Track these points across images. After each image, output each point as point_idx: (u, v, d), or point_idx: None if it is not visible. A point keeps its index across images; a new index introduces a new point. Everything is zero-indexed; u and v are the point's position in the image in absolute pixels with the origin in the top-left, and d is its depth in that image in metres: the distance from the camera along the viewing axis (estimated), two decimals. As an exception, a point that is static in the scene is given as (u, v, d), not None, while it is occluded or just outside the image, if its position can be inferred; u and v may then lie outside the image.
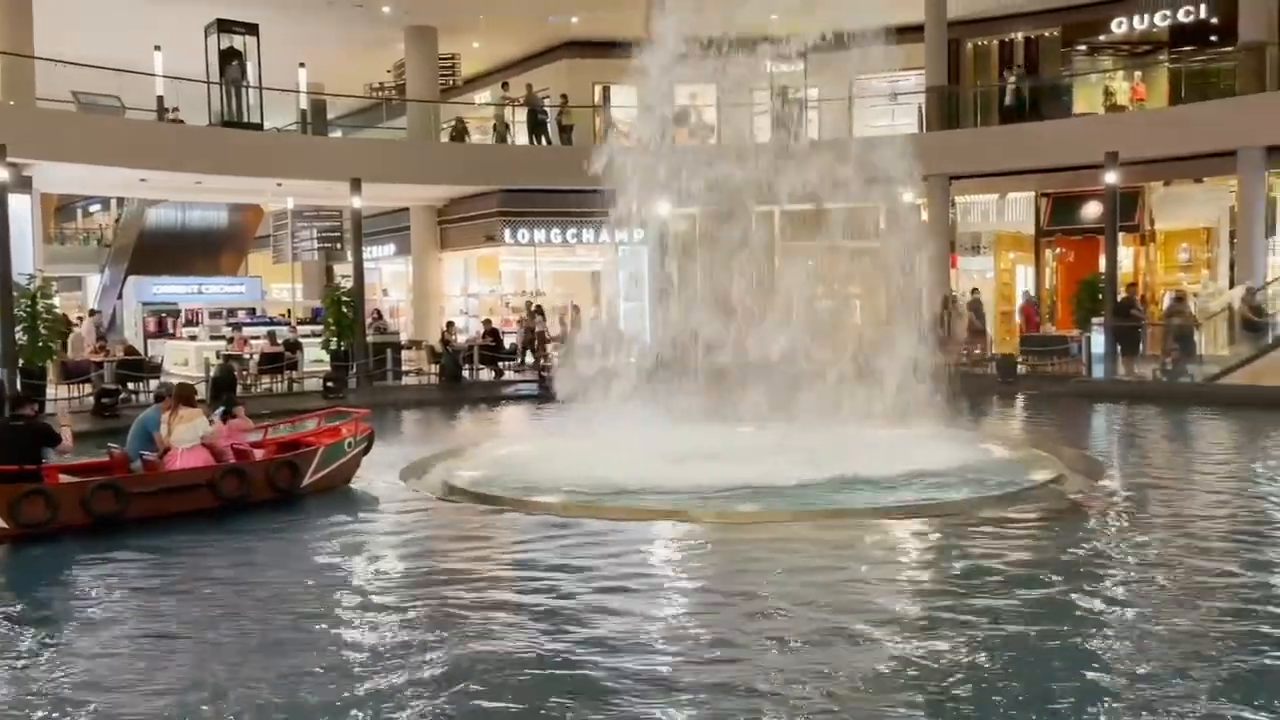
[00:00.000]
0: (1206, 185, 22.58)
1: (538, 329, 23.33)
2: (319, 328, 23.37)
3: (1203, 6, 23.43)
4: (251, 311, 26.77)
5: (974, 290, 23.85)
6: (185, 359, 23.41)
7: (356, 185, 20.72)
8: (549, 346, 23.05)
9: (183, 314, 26.83)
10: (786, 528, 8.84)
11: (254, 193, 26.41)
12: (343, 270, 28.83)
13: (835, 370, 14.05)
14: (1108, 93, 24.87)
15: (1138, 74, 24.86)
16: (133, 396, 18.18)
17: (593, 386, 13.31)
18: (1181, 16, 23.86)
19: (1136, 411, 16.50)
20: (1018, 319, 24.70)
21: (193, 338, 25.01)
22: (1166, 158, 21.24)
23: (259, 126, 22.09)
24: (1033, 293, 23.91)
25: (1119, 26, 24.87)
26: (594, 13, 24.93)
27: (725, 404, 15.26)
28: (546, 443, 13.55)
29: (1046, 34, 25.87)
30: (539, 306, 24.28)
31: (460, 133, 25.29)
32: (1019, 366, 20.62)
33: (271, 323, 24.51)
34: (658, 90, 15.37)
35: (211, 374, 17.71)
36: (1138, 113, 23.40)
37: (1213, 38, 23.58)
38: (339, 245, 28.14)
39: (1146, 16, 24.31)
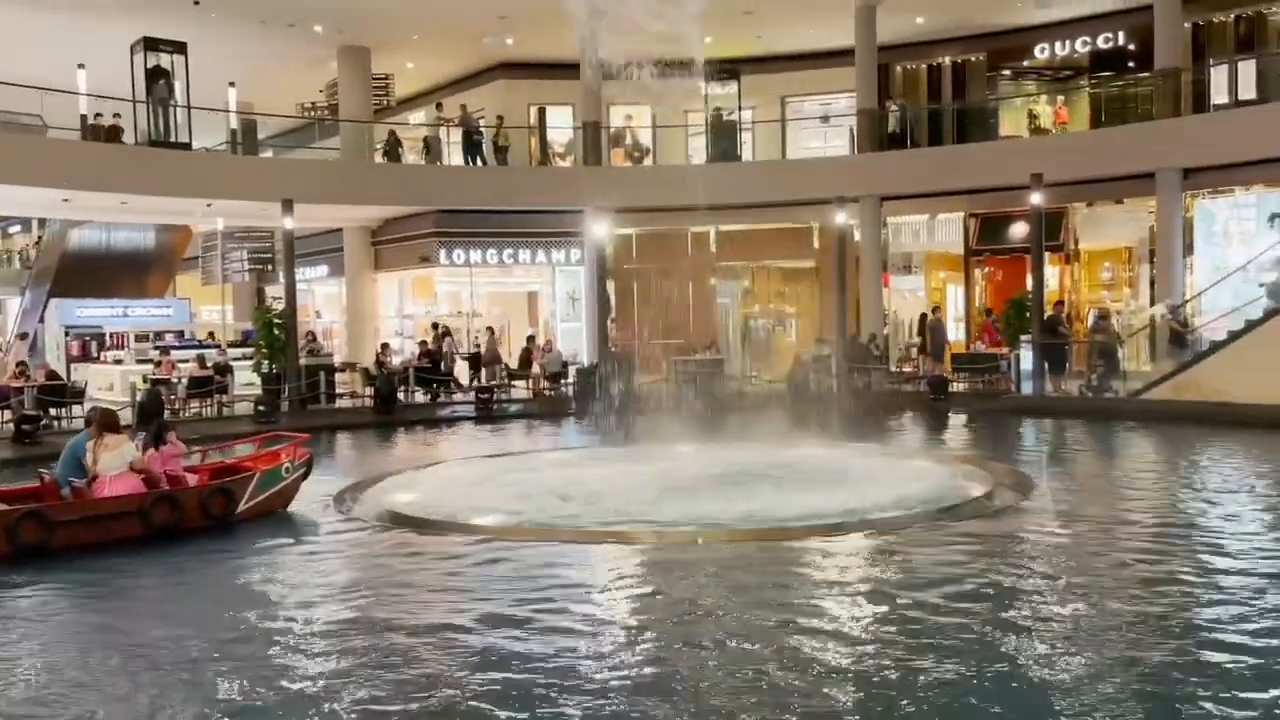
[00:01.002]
0: (1127, 206, 23.27)
1: (445, 349, 23.16)
2: (250, 350, 22.95)
3: (1120, 34, 24.29)
4: (180, 334, 26.19)
5: (935, 309, 24.21)
6: (110, 384, 22.82)
7: (288, 206, 20.44)
8: (497, 369, 22.95)
9: (107, 337, 26.15)
10: (723, 548, 8.86)
11: (183, 213, 25.88)
12: (275, 292, 28.39)
13: (771, 388, 14.19)
14: (1032, 116, 25.57)
15: (1060, 98, 25.61)
16: (55, 423, 17.66)
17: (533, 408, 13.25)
18: (1101, 43, 24.72)
19: (1065, 426, 16.89)
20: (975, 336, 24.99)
21: (118, 361, 24.38)
22: (1089, 179, 21.86)
23: (187, 146, 21.67)
24: (993, 314, 24.13)
25: (1042, 52, 25.64)
26: (529, 34, 24.96)
27: (663, 424, 15.35)
28: (483, 465, 13.46)
29: (973, 58, 26.55)
30: (445, 328, 24.16)
31: (393, 148, 25.01)
32: (951, 384, 20.99)
33: (200, 345, 24.01)
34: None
35: (138, 399, 17.29)
36: (1060, 136, 24.08)
37: (1130, 64, 24.42)
38: (271, 266, 27.68)
39: (1068, 42, 25.12)
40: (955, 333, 26.23)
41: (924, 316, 24.30)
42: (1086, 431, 16.43)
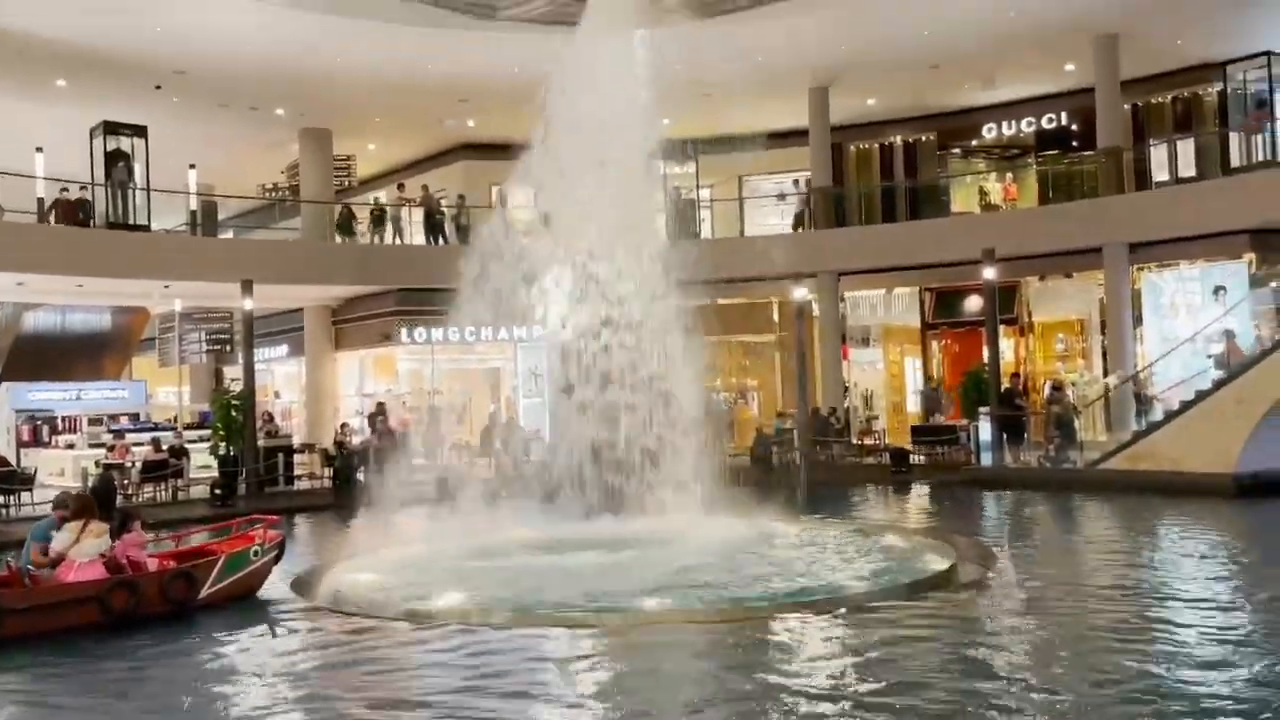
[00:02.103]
0: (1077, 279, 23.82)
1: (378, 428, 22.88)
2: (207, 432, 22.62)
3: (1064, 114, 25.15)
4: (135, 417, 25.77)
5: (928, 380, 24.27)
6: (61, 469, 22.36)
7: (248, 287, 20.36)
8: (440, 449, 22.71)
9: (59, 421, 25.66)
10: (685, 629, 8.77)
11: (141, 295, 25.68)
12: (233, 373, 28.11)
13: (733, 462, 14.20)
14: (982, 192, 26.29)
15: (1009, 175, 26.36)
16: (3, 510, 17.23)
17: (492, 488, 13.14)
18: (1045, 123, 25.57)
19: (1025, 498, 17.03)
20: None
21: (70, 446, 23.89)
22: (1039, 254, 22.38)
23: (146, 228, 21.60)
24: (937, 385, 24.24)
25: (989, 132, 26.46)
26: (490, 116, 25.32)
27: (626, 499, 15.24)
28: (441, 548, 13.26)
29: (924, 138, 27.31)
30: (380, 404, 24.05)
31: (347, 221, 24.98)
32: (911, 456, 21.16)
33: (156, 428, 23.62)
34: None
35: (89, 484, 16.93)
36: (1011, 212, 24.74)
37: (1074, 143, 25.26)
38: (229, 348, 27.44)
39: (1014, 123, 25.97)
40: (915, 405, 26.53)
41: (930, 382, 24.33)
42: (1047, 503, 16.57)
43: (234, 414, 20.49)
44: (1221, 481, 15.47)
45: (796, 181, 26.54)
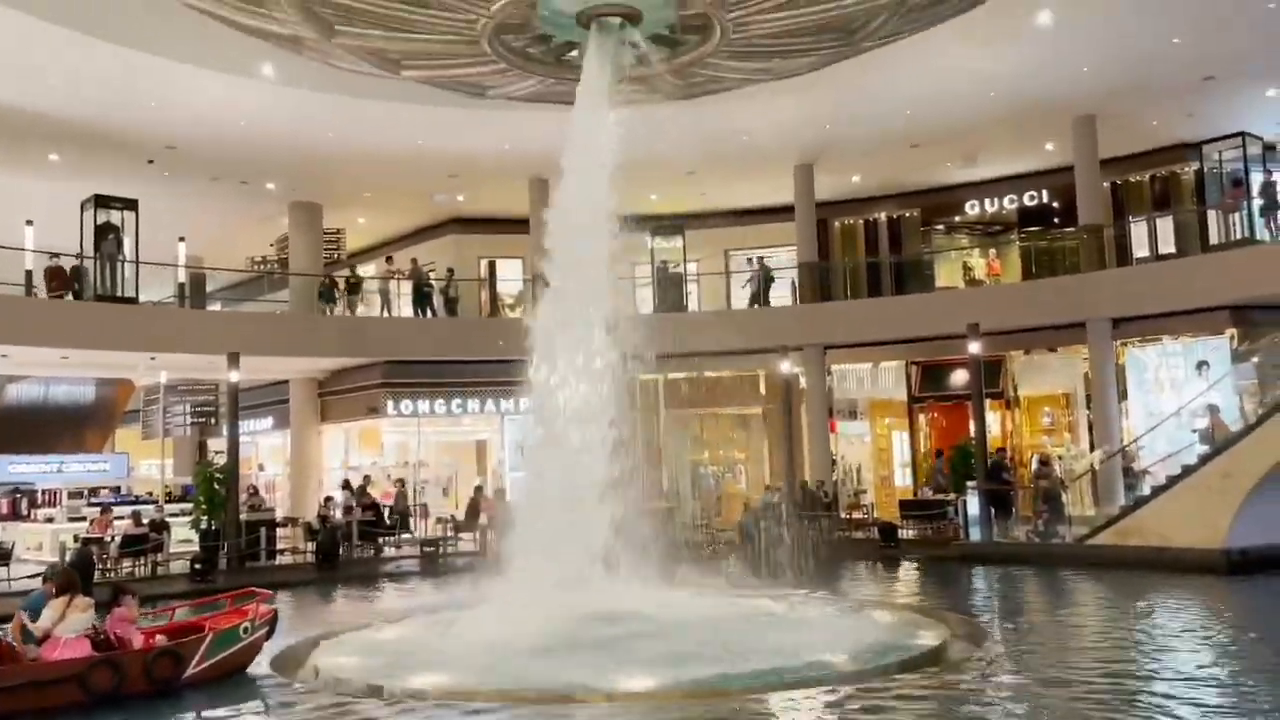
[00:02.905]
0: (1062, 354, 24.00)
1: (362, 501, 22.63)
2: (189, 506, 22.37)
3: (1045, 192, 25.60)
4: (116, 490, 25.48)
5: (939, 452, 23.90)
6: (40, 543, 22.03)
7: (234, 359, 20.33)
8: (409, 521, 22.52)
9: (39, 494, 25.35)
10: (666, 708, 8.60)
11: (126, 367, 25.59)
12: (217, 445, 27.91)
13: (721, 537, 14.09)
14: (966, 268, 26.59)
15: (992, 251, 26.71)
16: (-22, 586, 16.91)
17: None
18: (1027, 200, 26.01)
19: (1014, 574, 16.91)
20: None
21: (49, 520, 23.57)
22: (1024, 328, 22.57)
23: (134, 300, 21.60)
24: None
25: (972, 208, 26.87)
26: (480, 191, 25.63)
27: (613, 573, 15.07)
28: (426, 624, 13.05)
29: (907, 214, 27.69)
30: (366, 476, 23.90)
31: (328, 290, 24.97)
32: (900, 530, 21.06)
33: (137, 501, 23.35)
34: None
35: (68, 559, 16.66)
36: (994, 287, 24.99)
37: (1056, 219, 25.67)
38: (214, 420, 27.29)
39: (996, 200, 26.41)
40: (902, 478, 26.48)
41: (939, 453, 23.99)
42: (1036, 579, 16.46)
43: (217, 487, 20.29)
44: (1212, 557, 15.42)
45: (751, 260, 26.74)
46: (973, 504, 19.85)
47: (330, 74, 15.80)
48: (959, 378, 24.15)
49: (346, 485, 23.07)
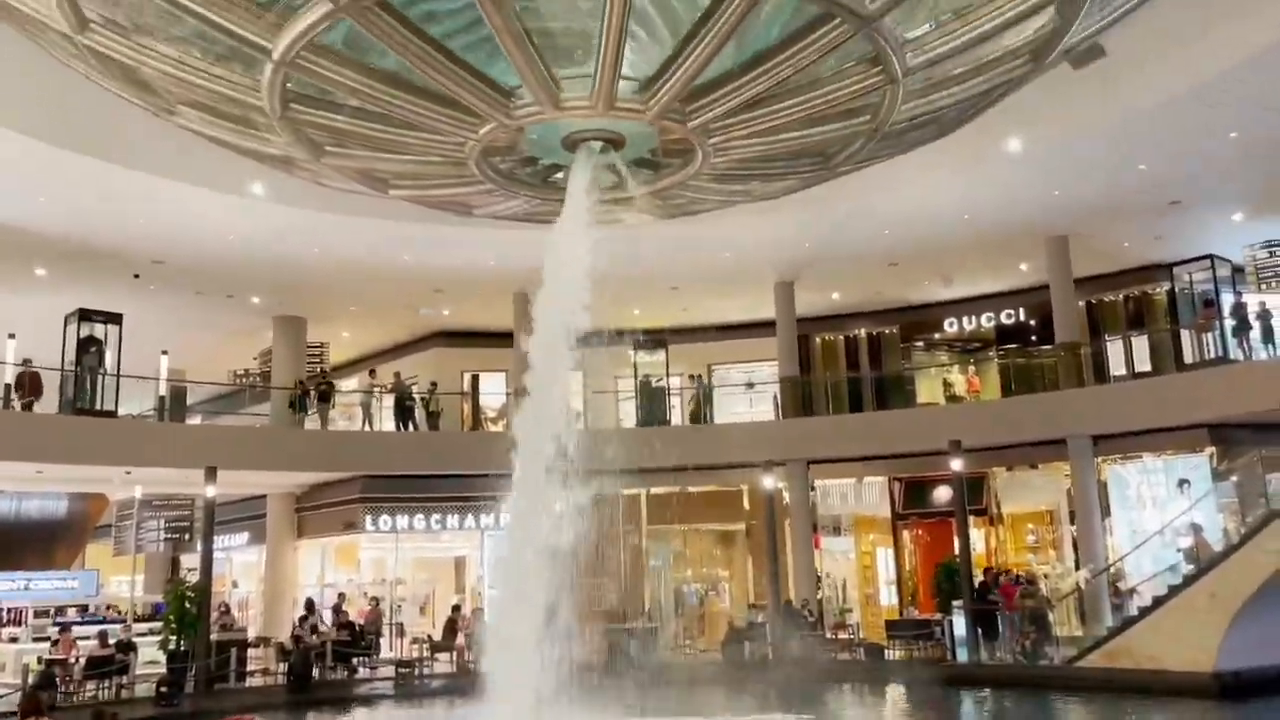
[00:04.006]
0: (1044, 470, 24.01)
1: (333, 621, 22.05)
2: (158, 625, 21.76)
3: (1022, 310, 26.02)
4: (84, 609, 24.79)
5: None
6: (2, 664, 21.30)
7: (211, 474, 20.08)
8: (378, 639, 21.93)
9: (4, 613, 24.61)
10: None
11: (101, 481, 25.23)
12: (190, 561, 27.33)
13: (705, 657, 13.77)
14: (946, 384, 26.80)
15: (971, 367, 26.96)
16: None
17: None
18: (1004, 318, 26.42)
19: (1003, 699, 16.55)
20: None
21: (13, 640, 22.83)
22: (1005, 445, 22.62)
23: (113, 414, 21.42)
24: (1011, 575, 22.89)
25: (950, 326, 27.25)
26: (465, 305, 25.83)
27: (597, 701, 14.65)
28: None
29: (887, 330, 28.03)
30: (341, 594, 23.40)
31: (300, 399, 24.79)
32: (886, 651, 20.68)
33: (105, 621, 22.70)
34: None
35: (30, 681, 16.11)
36: (975, 404, 25.15)
37: (1033, 337, 26.02)
38: (188, 536, 26.79)
39: (974, 317, 26.81)
40: (888, 597, 26.12)
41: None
42: (1025, 704, 16.10)
43: (188, 606, 19.78)
44: (1202, 680, 15.15)
45: (693, 377, 26.71)
46: (959, 624, 19.55)
47: (319, 191, 16.04)
48: (942, 494, 24.08)
49: (310, 606, 22.45)
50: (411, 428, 25.24)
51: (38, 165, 16.67)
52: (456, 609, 23.21)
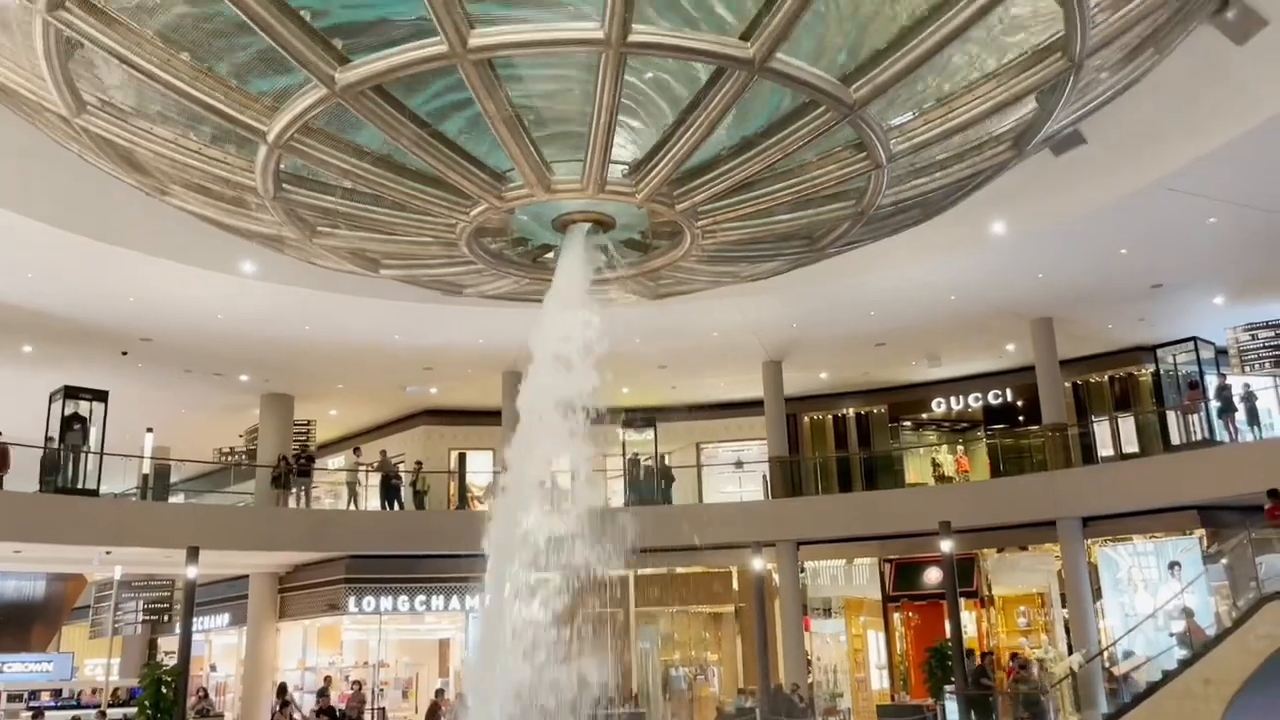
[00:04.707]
0: (1035, 552, 23.87)
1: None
2: (133, 710, 21.23)
3: (1009, 391, 26.15)
4: (58, 693, 24.20)
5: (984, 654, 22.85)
6: (-31, 750, 20.71)
7: (193, 554, 19.75)
8: None
9: (-27, 697, 23.99)
10: None
11: (80, 561, 24.82)
12: (168, 644, 26.77)
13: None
14: (935, 464, 26.77)
15: (960, 447, 26.98)
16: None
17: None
18: (991, 399, 26.53)
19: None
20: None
21: (-17, 724, 22.24)
22: (995, 526, 22.51)
23: (95, 492, 21.15)
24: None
25: (938, 406, 27.34)
26: (453, 383, 25.81)
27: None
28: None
29: (875, 410, 28.09)
30: (328, 677, 22.91)
31: (284, 475, 24.53)
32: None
33: (79, 706, 22.14)
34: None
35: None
36: (964, 484, 25.12)
37: (1020, 417, 26.10)
38: (167, 617, 26.29)
39: (962, 398, 26.92)
40: (879, 680, 25.71)
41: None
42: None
43: (164, 690, 19.31)
44: (1200, 769, 14.90)
45: (637, 460, 26.10)
46: (952, 709, 19.21)
47: (310, 270, 16.06)
48: (933, 576, 23.88)
49: (282, 690, 21.92)
50: (397, 507, 25.02)
51: (27, 242, 16.65)
52: (440, 693, 22.73)
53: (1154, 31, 7.46)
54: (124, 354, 21.93)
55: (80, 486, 20.72)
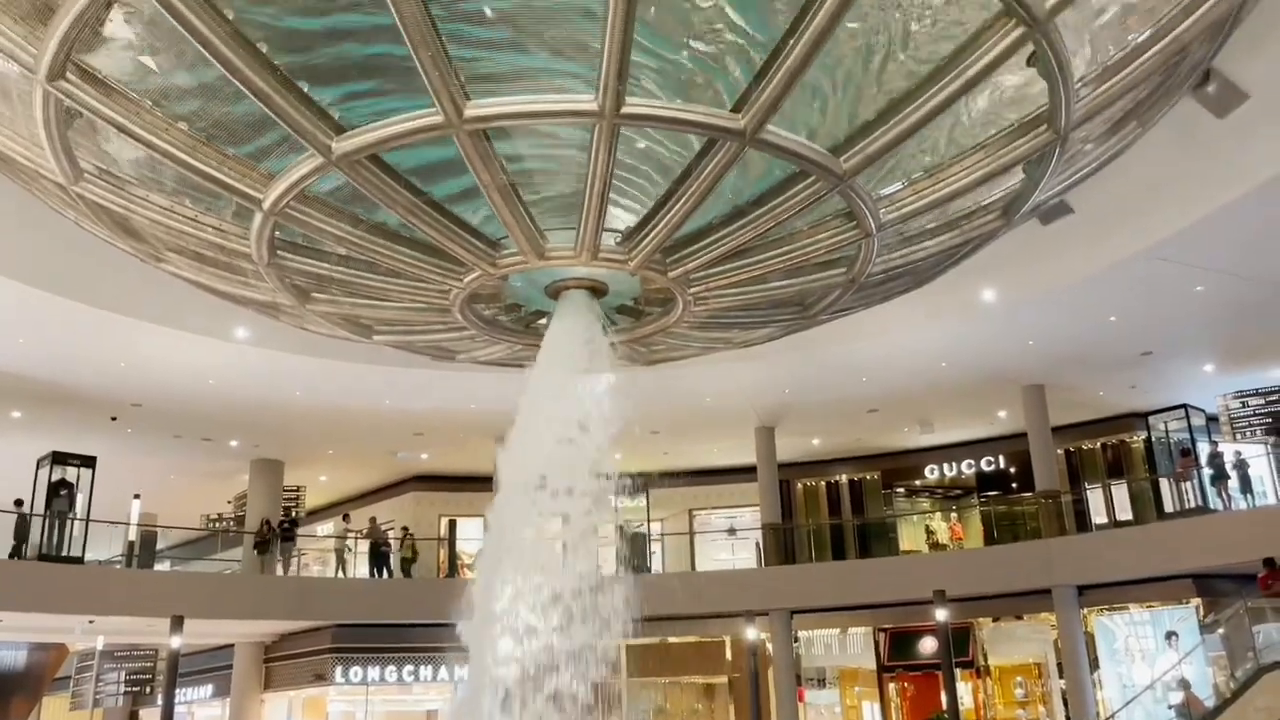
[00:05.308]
0: (1031, 621, 23.63)
1: None
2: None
3: (1001, 457, 26.12)
4: (33, 767, 23.60)
5: None
6: (-59, 827, 20.09)
7: (178, 623, 19.46)
8: None
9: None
10: None
11: (62, 631, 24.37)
12: (150, 716, 26.19)
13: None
14: (929, 531, 26.62)
15: (954, 514, 26.86)
16: None
17: None
18: (984, 465, 26.49)
19: None
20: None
21: (-44, 800, 21.63)
22: (990, 595, 22.31)
23: (80, 560, 20.87)
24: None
25: (931, 472, 27.29)
26: (444, 449, 25.68)
27: None
28: None
29: (868, 477, 28.02)
30: None
31: (266, 541, 24.19)
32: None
33: (55, 780, 21.58)
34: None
35: None
36: (959, 552, 24.96)
37: (1014, 484, 26.05)
38: (149, 689, 25.74)
39: (954, 464, 26.89)
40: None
41: None
42: None
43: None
44: None
45: (621, 527, 25.78)
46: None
47: (302, 336, 16.07)
48: (928, 645, 23.58)
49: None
50: (386, 575, 24.71)
51: (18, 307, 16.58)
52: (427, 768, 22.24)
53: (1137, 105, 7.61)
54: (113, 419, 21.81)
55: (65, 554, 20.45)
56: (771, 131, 6.19)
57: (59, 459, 21.00)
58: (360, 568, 25.04)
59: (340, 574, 24.78)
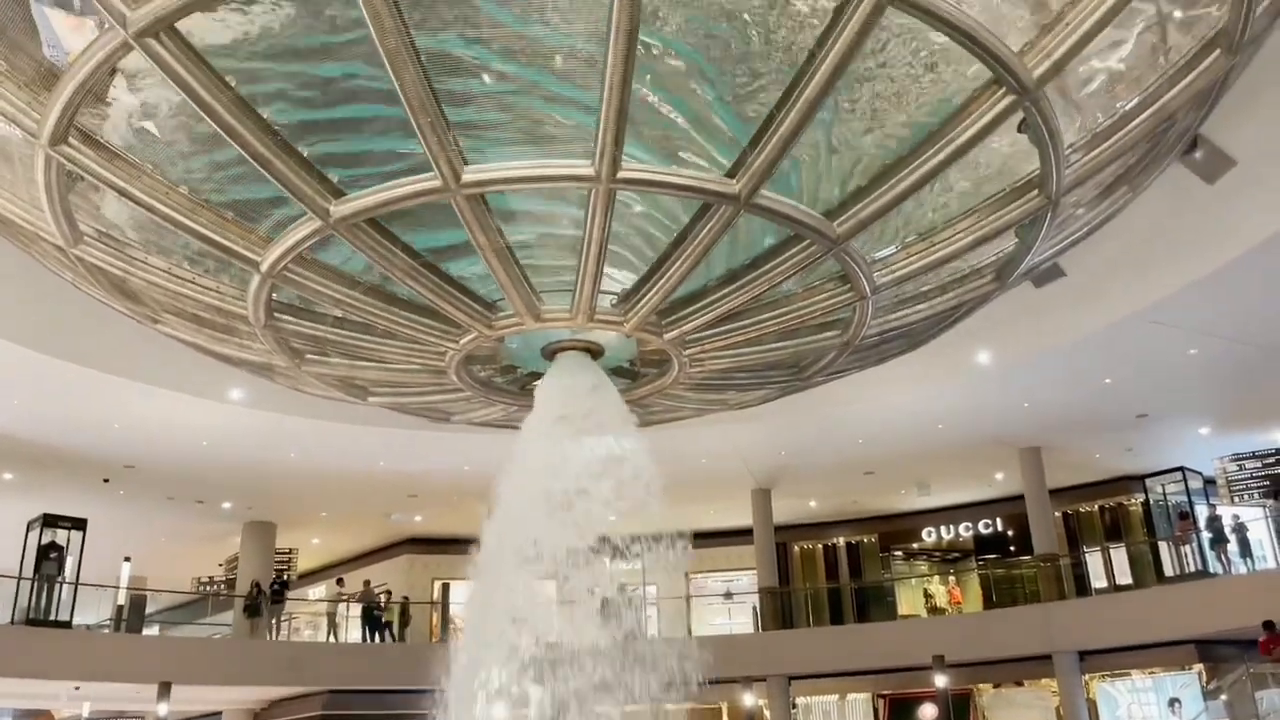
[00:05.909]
0: (1031, 688, 23.27)
1: None
2: None
3: (999, 520, 25.98)
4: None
5: None
6: None
7: (165, 689, 19.13)
8: None
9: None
10: None
11: (48, 697, 23.92)
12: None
13: None
14: (927, 595, 26.36)
15: (952, 578, 26.63)
16: None
17: None
18: (982, 528, 26.34)
19: None
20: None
21: None
22: (989, 660, 22.02)
23: (68, 624, 20.56)
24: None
25: (929, 535, 27.12)
26: (438, 510, 25.51)
27: None
28: None
29: (866, 539, 27.82)
30: None
31: (255, 603, 23.85)
32: None
33: None
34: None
35: None
36: (958, 617, 24.69)
37: (1011, 547, 25.88)
38: (134, 758, 25.26)
39: (952, 527, 26.73)
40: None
41: None
42: None
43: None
44: None
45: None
46: None
47: (296, 398, 16.04)
48: (928, 712, 23.20)
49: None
50: (379, 639, 24.37)
51: (10, 368, 16.47)
52: (417, 839, 21.69)
53: (1127, 171, 7.71)
54: (105, 481, 21.67)
55: (53, 618, 20.15)
56: (765, 196, 6.26)
57: (50, 521, 20.80)
58: (353, 632, 24.70)
59: (332, 638, 24.42)
